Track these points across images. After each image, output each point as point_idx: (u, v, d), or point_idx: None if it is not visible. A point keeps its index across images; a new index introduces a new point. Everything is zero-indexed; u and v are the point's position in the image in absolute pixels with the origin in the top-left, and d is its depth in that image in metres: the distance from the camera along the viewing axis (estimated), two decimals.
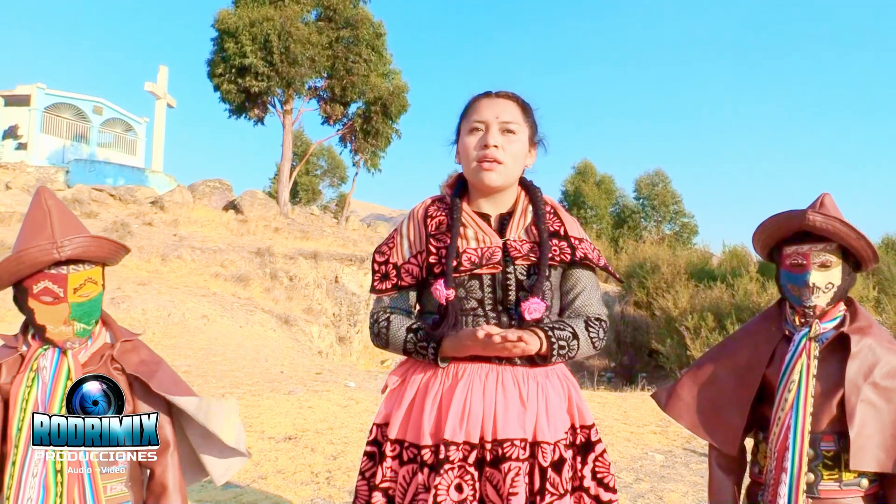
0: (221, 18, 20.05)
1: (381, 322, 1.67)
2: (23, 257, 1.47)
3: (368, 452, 1.67)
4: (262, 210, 18.90)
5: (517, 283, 1.59)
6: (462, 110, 1.70)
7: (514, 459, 1.48)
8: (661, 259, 15.50)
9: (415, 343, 1.61)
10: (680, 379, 1.88)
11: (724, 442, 1.72)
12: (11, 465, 1.46)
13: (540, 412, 1.55)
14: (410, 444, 1.57)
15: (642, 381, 10.06)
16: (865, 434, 1.51)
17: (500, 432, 1.50)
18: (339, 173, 38.57)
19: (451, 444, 1.49)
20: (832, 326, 1.61)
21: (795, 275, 1.61)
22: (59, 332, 1.51)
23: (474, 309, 1.59)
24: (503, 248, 1.61)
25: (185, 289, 10.81)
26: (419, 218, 1.71)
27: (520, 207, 1.67)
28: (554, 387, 1.61)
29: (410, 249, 1.68)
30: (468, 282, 1.60)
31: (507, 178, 1.63)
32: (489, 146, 1.59)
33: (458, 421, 1.51)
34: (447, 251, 1.59)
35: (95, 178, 21.17)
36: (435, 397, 1.57)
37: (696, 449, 4.99)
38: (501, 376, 1.56)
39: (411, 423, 1.59)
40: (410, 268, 1.66)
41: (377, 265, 1.72)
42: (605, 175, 35.15)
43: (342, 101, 22.15)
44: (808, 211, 1.56)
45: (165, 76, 24.30)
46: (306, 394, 6.31)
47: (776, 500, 1.57)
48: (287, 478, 3.93)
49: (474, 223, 1.63)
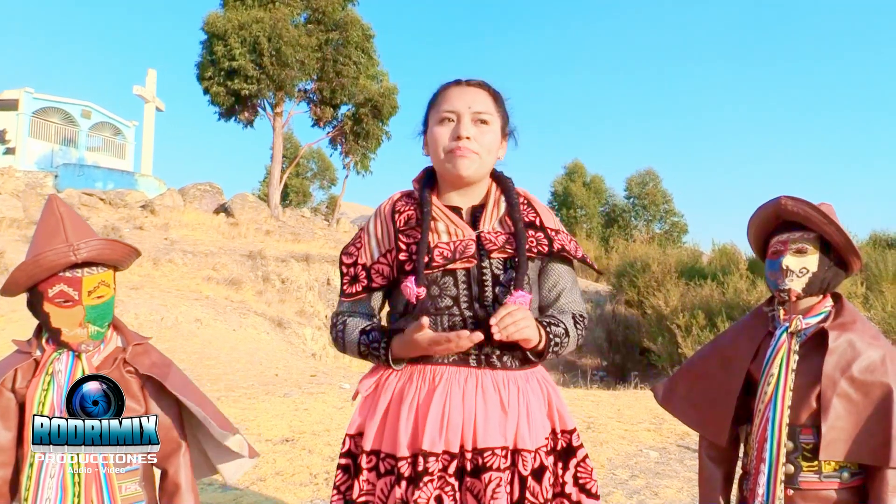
0: (210, 21, 20.02)
1: (338, 326, 1.60)
2: (40, 260, 1.50)
3: (342, 465, 1.57)
4: (253, 213, 18.89)
5: (493, 277, 1.50)
6: (430, 99, 1.61)
7: (495, 469, 1.41)
8: (652, 258, 15.60)
9: (367, 345, 1.52)
10: (675, 373, 1.95)
11: (713, 434, 1.77)
12: (29, 467, 1.49)
13: (521, 418, 1.48)
14: (387, 454, 1.48)
15: (635, 380, 10.13)
16: (838, 426, 1.56)
17: (481, 441, 1.43)
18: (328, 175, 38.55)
19: (430, 455, 1.41)
20: (816, 322, 1.66)
21: (773, 261, 1.69)
22: (74, 334, 1.54)
23: (449, 307, 1.49)
24: (477, 240, 1.52)
25: (177, 293, 10.80)
26: (386, 214, 1.61)
27: (492, 199, 1.59)
28: (534, 391, 1.54)
29: (379, 248, 1.58)
30: (441, 279, 1.50)
31: (481, 170, 1.55)
32: (462, 137, 1.51)
33: (436, 430, 1.43)
34: (418, 247, 1.50)
35: (84, 182, 21.08)
36: (411, 405, 1.47)
37: (690, 445, 5.05)
38: (481, 381, 1.48)
39: (387, 432, 1.49)
40: (381, 268, 1.57)
41: (345, 267, 1.62)
42: (595, 175, 35.34)
43: (332, 103, 22.17)
44: (781, 196, 1.64)
45: (154, 79, 24.21)
46: (302, 396, 6.34)
47: (755, 489, 1.63)
48: (286, 479, 3.96)
49: (445, 216, 1.54)
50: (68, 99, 24.77)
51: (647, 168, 35.76)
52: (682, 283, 13.49)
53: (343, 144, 23.68)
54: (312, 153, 34.90)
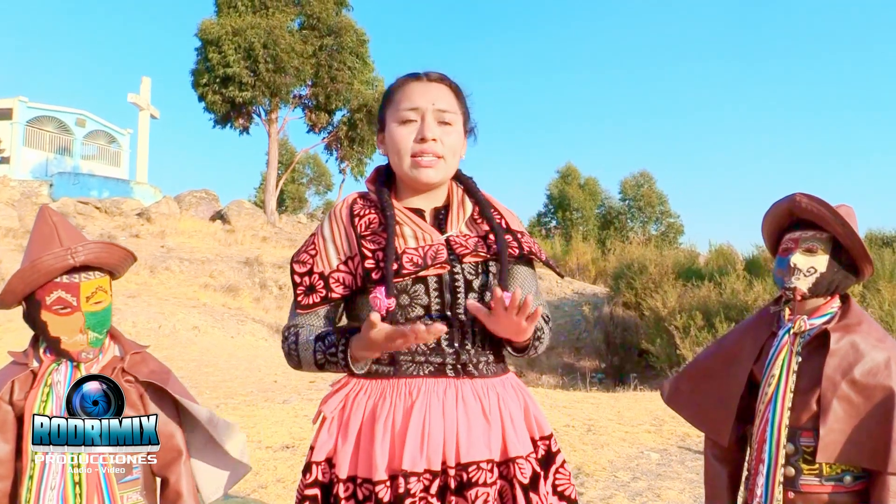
0: (204, 28, 20.04)
1: (290, 339, 1.45)
2: (37, 265, 1.49)
3: (310, 496, 1.40)
4: (250, 219, 18.87)
5: (466, 283, 1.41)
6: (386, 93, 1.51)
7: (481, 485, 1.32)
8: (649, 259, 15.60)
9: (324, 351, 1.38)
10: (681, 372, 1.94)
11: (717, 434, 1.76)
12: (29, 479, 1.48)
13: (506, 426, 1.40)
14: (364, 479, 1.35)
15: (634, 382, 10.13)
16: (836, 429, 1.54)
17: (465, 455, 1.34)
18: (324, 181, 38.56)
19: (410, 475, 1.30)
20: (820, 323, 1.64)
21: (782, 258, 1.67)
22: (73, 342, 1.53)
23: (420, 317, 1.39)
24: (447, 245, 1.43)
25: (174, 300, 10.79)
26: (344, 218, 1.48)
27: (455, 200, 1.50)
28: (512, 398, 1.46)
29: (338, 255, 1.45)
30: (411, 287, 1.40)
31: (446, 174, 1.47)
32: (427, 140, 1.41)
33: (417, 447, 1.32)
34: (385, 253, 1.38)
35: (80, 190, 21.05)
36: (386, 422, 1.36)
37: (691, 447, 5.05)
38: (461, 391, 1.39)
39: (362, 455, 1.37)
40: (341, 276, 1.44)
41: (299, 276, 1.47)
42: (589, 178, 35.41)
43: (327, 108, 22.19)
44: (797, 193, 1.62)
45: (148, 87, 24.23)
46: (301, 402, 6.32)
47: (754, 490, 1.62)
48: (287, 486, 3.95)
49: (411, 220, 1.44)
50: (63, 107, 24.75)
51: (641, 170, 35.83)
52: (680, 285, 13.49)
53: (339, 150, 23.71)
54: (308, 159, 34.93)
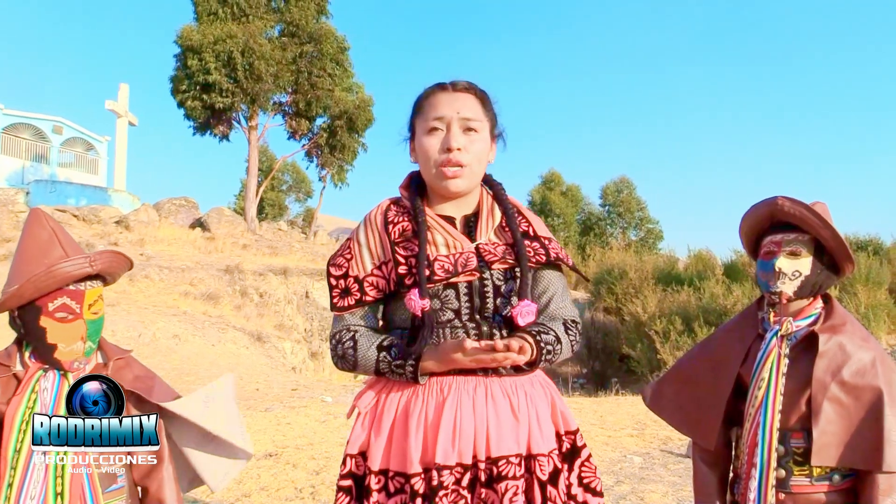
0: (184, 35, 19.90)
1: (345, 342, 1.52)
2: (54, 272, 1.47)
3: (344, 487, 1.50)
4: (230, 227, 18.73)
5: (494, 289, 1.49)
6: (415, 103, 1.57)
7: (511, 478, 1.39)
8: (629, 265, 15.73)
9: (389, 362, 1.46)
10: (663, 376, 1.93)
11: (703, 437, 1.76)
12: (8, 487, 1.44)
13: (532, 423, 1.47)
14: (396, 473, 1.44)
15: (615, 386, 10.18)
16: (830, 431, 1.55)
17: (495, 450, 1.41)
18: (304, 188, 38.38)
19: (443, 469, 1.38)
20: (806, 325, 1.65)
21: (766, 261, 1.67)
22: (70, 350, 1.52)
23: (451, 320, 1.47)
24: (476, 252, 1.50)
25: (154, 308, 10.68)
26: (378, 224, 1.56)
27: (485, 208, 1.57)
28: (539, 395, 1.53)
29: (373, 260, 1.54)
30: (443, 292, 1.48)
31: (473, 181, 1.53)
32: (452, 149, 1.47)
33: (449, 442, 1.40)
34: (417, 260, 1.46)
35: (57, 198, 20.76)
36: (419, 419, 1.44)
37: (673, 450, 5.09)
38: (490, 389, 1.46)
39: (395, 450, 1.45)
40: (375, 280, 1.52)
41: (335, 279, 1.56)
42: (571, 185, 35.62)
43: (307, 115, 22.12)
44: (778, 196, 1.62)
45: (126, 94, 23.95)
46: (283, 410, 6.28)
47: (747, 494, 1.62)
48: (271, 494, 3.92)
49: (442, 228, 1.51)
50: (39, 114, 24.40)
51: (621, 176, 36.11)
52: (659, 290, 13.62)
53: (319, 157, 23.63)
54: (287, 166, 34.75)
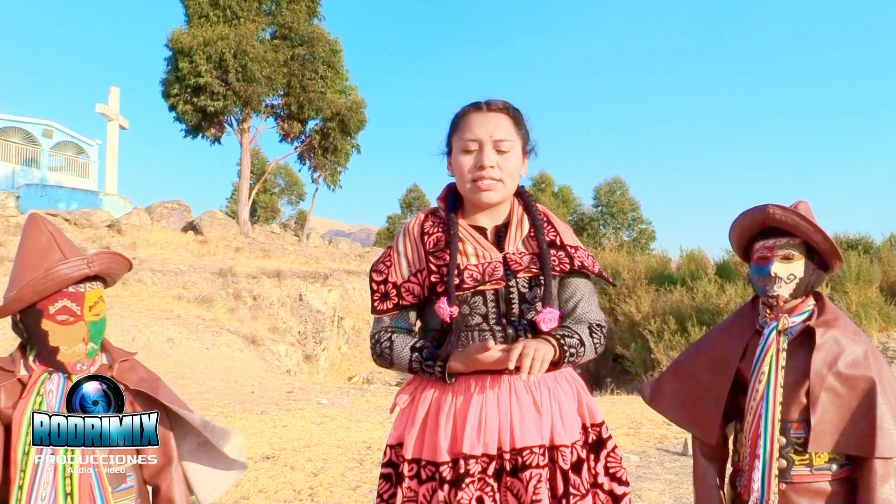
0: (175, 38, 19.85)
1: (383, 342, 1.67)
2: (52, 275, 1.48)
3: (384, 475, 1.67)
4: (222, 230, 18.68)
5: (520, 296, 1.61)
6: (452, 122, 1.69)
7: (535, 466, 1.50)
8: (622, 265, 15.75)
9: (420, 362, 1.60)
10: (662, 375, 1.98)
11: (703, 433, 1.81)
12: (18, 490, 1.46)
13: (555, 416, 1.57)
14: (427, 462, 1.57)
15: (610, 386, 10.21)
16: (826, 419, 1.62)
17: (519, 441, 1.52)
18: (296, 190, 38.38)
19: (470, 458, 1.51)
20: (801, 320, 1.71)
21: (761, 266, 1.72)
22: (72, 352, 1.52)
23: (479, 324, 1.60)
24: (504, 262, 1.62)
25: (147, 312, 10.64)
26: (416, 235, 1.69)
27: (515, 218, 1.68)
28: (564, 390, 1.63)
29: (409, 268, 1.67)
30: (471, 298, 1.60)
31: (505, 194, 1.65)
32: (485, 167, 1.59)
33: (475, 434, 1.53)
34: (448, 269, 1.59)
35: (47, 202, 20.68)
36: (449, 413, 1.58)
37: (669, 448, 5.12)
38: (514, 385, 1.58)
39: (426, 440, 1.59)
40: (411, 286, 1.65)
41: (376, 284, 1.70)
42: (563, 186, 35.72)
43: (300, 118, 22.10)
44: (769, 204, 1.68)
45: (117, 97, 23.88)
46: (279, 413, 6.28)
47: (751, 486, 1.67)
48: (269, 496, 3.92)
49: (473, 239, 1.63)
50: (29, 118, 24.31)
51: (614, 177, 36.26)
52: (653, 290, 13.65)
53: (311, 159, 23.61)
54: (279, 168, 34.73)
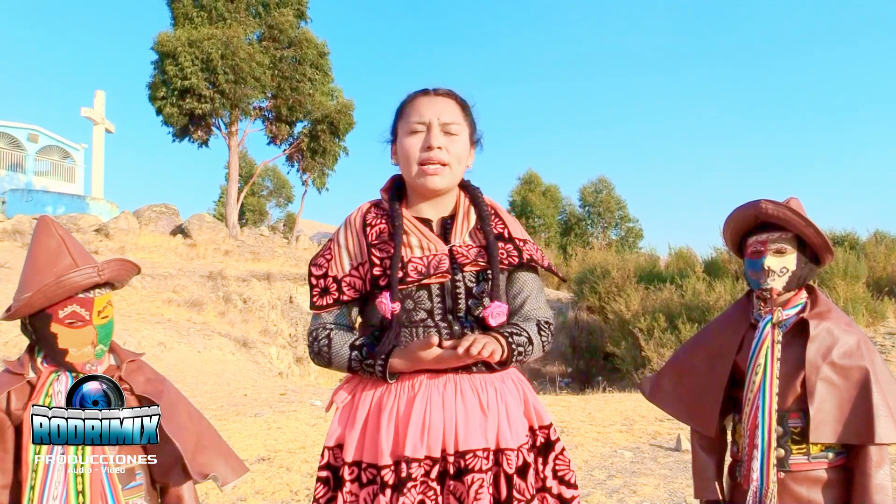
0: (161, 41, 19.77)
1: (321, 340, 1.57)
2: (64, 283, 1.49)
3: (322, 478, 1.57)
4: (211, 233, 18.61)
5: (466, 290, 1.53)
6: (398, 108, 1.63)
7: (478, 471, 1.44)
8: (611, 264, 15.83)
9: (360, 361, 1.52)
10: (661, 370, 2.02)
11: (702, 425, 1.85)
12: (30, 490, 1.47)
13: (501, 419, 1.51)
14: (368, 464, 1.49)
15: (602, 384, 10.27)
16: (825, 409, 1.65)
17: (462, 444, 1.45)
18: (285, 193, 38.28)
19: (412, 461, 1.43)
20: (794, 313, 1.76)
21: (754, 260, 1.76)
22: (81, 354, 1.54)
23: (424, 320, 1.52)
24: (450, 254, 1.55)
25: (137, 317, 10.59)
26: (357, 226, 1.61)
27: (461, 210, 1.61)
28: (511, 391, 1.57)
29: (351, 261, 1.59)
30: (416, 293, 1.52)
31: (452, 181, 1.58)
32: (433, 148, 1.52)
33: (418, 436, 1.45)
34: (391, 262, 1.51)
35: (33, 207, 20.53)
36: (391, 413, 1.49)
37: (662, 444, 5.17)
38: (460, 385, 1.51)
39: (367, 442, 1.51)
40: (352, 280, 1.57)
41: (315, 279, 1.62)
42: (550, 185, 35.83)
43: (288, 120, 22.06)
44: (762, 200, 1.72)
45: (103, 101, 23.76)
46: (273, 415, 6.28)
47: (750, 475, 1.70)
48: (266, 498, 3.93)
49: (417, 230, 1.56)
50: (13, 123, 24.12)
51: (599, 176, 36.44)
52: (642, 288, 13.72)
53: (300, 161, 23.57)
54: (267, 171, 34.63)
